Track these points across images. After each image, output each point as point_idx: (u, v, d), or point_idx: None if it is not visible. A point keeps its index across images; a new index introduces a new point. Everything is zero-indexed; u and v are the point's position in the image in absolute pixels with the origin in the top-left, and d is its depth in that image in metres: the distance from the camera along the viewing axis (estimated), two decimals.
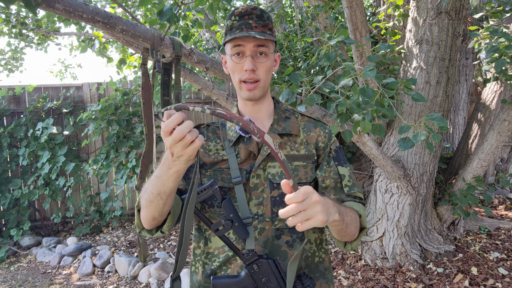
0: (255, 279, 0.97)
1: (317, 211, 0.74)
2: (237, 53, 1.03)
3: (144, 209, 0.95)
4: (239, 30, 1.02)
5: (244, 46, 1.01)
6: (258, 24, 1.02)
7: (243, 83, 1.04)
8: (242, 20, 1.02)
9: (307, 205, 0.72)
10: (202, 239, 1.11)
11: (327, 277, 1.11)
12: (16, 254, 4.42)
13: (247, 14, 1.02)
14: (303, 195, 0.72)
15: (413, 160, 3.01)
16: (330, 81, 2.74)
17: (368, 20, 3.84)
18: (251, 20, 1.02)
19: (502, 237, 3.67)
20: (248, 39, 1.00)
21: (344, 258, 3.37)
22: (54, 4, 1.57)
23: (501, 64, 2.10)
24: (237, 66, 1.03)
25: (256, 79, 1.03)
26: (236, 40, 1.01)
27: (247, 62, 1.01)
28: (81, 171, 4.70)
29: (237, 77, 1.05)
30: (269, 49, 1.04)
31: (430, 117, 1.50)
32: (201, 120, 5.48)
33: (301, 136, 1.12)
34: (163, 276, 3.29)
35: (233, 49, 1.02)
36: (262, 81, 1.04)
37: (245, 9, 1.02)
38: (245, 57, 1.02)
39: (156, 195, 0.89)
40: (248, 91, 1.04)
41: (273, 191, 1.05)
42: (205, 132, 1.14)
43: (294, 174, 1.06)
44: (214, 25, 3.69)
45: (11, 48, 4.67)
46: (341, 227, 0.90)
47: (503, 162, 5.40)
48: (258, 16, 1.03)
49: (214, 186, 0.92)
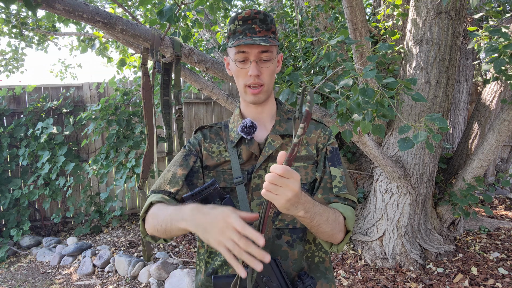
0: (256, 279, 0.98)
1: (284, 194, 0.75)
2: (241, 60, 1.03)
3: (150, 227, 0.97)
4: (242, 35, 1.02)
5: (249, 53, 1.02)
6: (261, 29, 1.02)
7: (248, 87, 1.05)
8: (246, 25, 1.02)
9: (281, 183, 0.74)
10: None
11: (328, 277, 1.11)
12: (16, 254, 4.42)
13: (251, 19, 1.02)
14: (285, 172, 0.74)
15: (413, 160, 3.01)
16: (330, 81, 2.74)
17: (368, 20, 3.84)
18: (254, 25, 1.02)
19: (502, 237, 3.67)
20: (252, 45, 1.01)
21: (344, 258, 3.37)
22: (54, 4, 1.57)
23: (500, 63, 2.10)
24: (241, 71, 1.04)
25: (260, 84, 1.04)
26: (240, 47, 1.01)
27: (251, 68, 1.02)
28: (81, 171, 4.70)
29: (241, 81, 1.06)
30: (272, 54, 1.04)
31: (430, 117, 1.51)
32: (201, 120, 5.49)
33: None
34: (163, 276, 3.29)
35: (237, 55, 1.03)
36: (266, 85, 1.05)
37: (248, 14, 1.02)
38: (250, 62, 1.02)
39: (163, 231, 0.92)
40: (253, 96, 1.06)
41: None
42: (207, 134, 1.15)
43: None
44: (214, 25, 3.69)
45: (12, 48, 4.67)
46: (309, 225, 0.90)
47: (503, 162, 5.40)
48: (262, 20, 1.03)
49: (214, 185, 0.92)
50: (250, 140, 1.08)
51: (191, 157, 1.11)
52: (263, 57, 1.02)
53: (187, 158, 1.11)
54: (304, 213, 0.84)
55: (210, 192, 0.91)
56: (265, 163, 1.07)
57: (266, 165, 1.07)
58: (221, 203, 0.95)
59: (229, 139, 1.12)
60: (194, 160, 1.10)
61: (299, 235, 1.07)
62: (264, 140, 1.10)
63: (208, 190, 0.91)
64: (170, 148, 2.08)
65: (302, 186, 1.07)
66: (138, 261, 3.54)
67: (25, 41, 4.34)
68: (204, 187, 0.92)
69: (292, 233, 1.06)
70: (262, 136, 1.11)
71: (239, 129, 1.08)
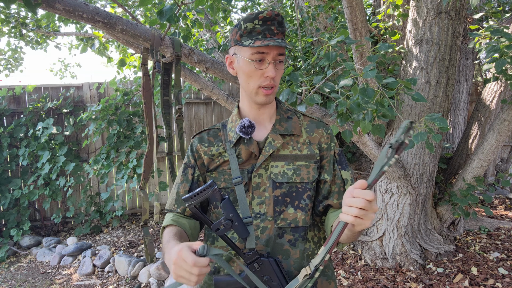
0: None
1: (370, 218, 0.79)
2: (259, 59, 1.03)
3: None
4: (261, 35, 1.01)
5: (268, 54, 1.02)
6: (279, 31, 1.03)
7: (261, 88, 1.05)
8: (266, 26, 1.02)
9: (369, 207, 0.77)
10: (210, 237, 1.14)
11: (327, 274, 1.12)
12: (16, 254, 4.42)
13: (271, 20, 1.02)
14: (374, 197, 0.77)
15: (413, 160, 3.01)
16: (330, 81, 2.74)
17: (368, 20, 3.84)
18: (273, 26, 1.02)
19: (502, 237, 3.67)
20: (272, 47, 1.01)
21: (344, 258, 3.37)
22: (54, 4, 1.57)
23: (501, 64, 2.10)
24: (257, 72, 1.04)
25: (273, 85, 1.05)
26: (260, 48, 1.01)
27: (269, 69, 1.02)
28: (81, 171, 4.70)
29: (255, 82, 1.05)
30: (284, 56, 1.06)
31: (430, 117, 1.51)
32: (201, 120, 5.49)
33: (304, 136, 1.13)
34: (163, 276, 3.29)
35: (256, 55, 1.02)
36: (276, 87, 1.07)
37: (269, 15, 1.01)
38: (267, 63, 1.02)
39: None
40: (265, 97, 1.06)
41: (276, 191, 1.06)
42: (205, 137, 1.16)
43: (296, 174, 1.07)
44: (214, 25, 3.69)
45: (11, 48, 4.67)
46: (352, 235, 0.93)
47: (503, 162, 5.40)
48: (279, 23, 1.03)
49: (213, 186, 0.92)
50: (249, 139, 1.08)
51: (188, 170, 1.14)
52: (279, 59, 1.03)
53: (185, 172, 1.15)
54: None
55: (208, 193, 0.91)
56: (266, 162, 1.08)
57: (266, 164, 1.08)
58: (220, 205, 0.96)
59: (227, 139, 1.12)
60: (192, 172, 1.14)
61: (301, 234, 1.07)
62: (264, 139, 1.10)
63: (207, 192, 0.91)
64: (170, 148, 2.08)
65: (305, 185, 1.08)
66: (138, 261, 3.54)
67: (25, 41, 4.33)
68: (202, 188, 0.92)
69: (294, 232, 1.07)
70: (262, 135, 1.11)
71: (238, 129, 1.08)
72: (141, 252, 3.98)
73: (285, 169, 1.08)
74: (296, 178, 1.07)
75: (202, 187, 0.93)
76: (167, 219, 1.10)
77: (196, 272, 0.79)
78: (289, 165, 1.08)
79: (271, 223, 1.05)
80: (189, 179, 1.13)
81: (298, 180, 1.07)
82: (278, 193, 1.06)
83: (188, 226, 1.10)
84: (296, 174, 1.07)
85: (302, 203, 1.07)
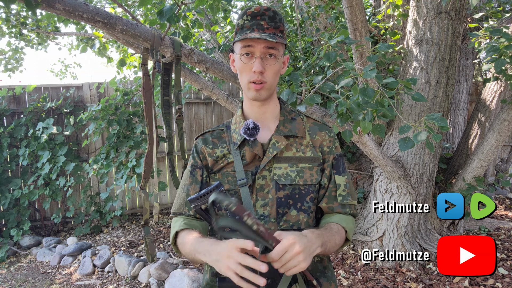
0: None
1: (299, 261, 0.83)
2: (246, 53, 1.02)
3: (183, 254, 1.05)
4: (250, 30, 1.01)
5: (254, 47, 1.01)
6: (269, 26, 1.02)
7: (251, 83, 1.04)
8: (254, 21, 1.01)
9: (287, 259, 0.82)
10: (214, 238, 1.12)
11: (327, 275, 1.11)
12: (16, 254, 4.42)
13: (260, 15, 1.02)
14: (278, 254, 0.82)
15: (413, 160, 3.01)
16: (330, 81, 2.74)
17: (368, 20, 3.84)
18: (263, 21, 1.01)
19: (502, 237, 3.67)
20: (258, 40, 1.00)
21: (344, 258, 3.37)
22: (54, 4, 1.57)
23: (501, 64, 2.10)
24: (246, 66, 1.03)
25: (263, 81, 1.03)
26: (246, 41, 1.01)
27: (256, 63, 1.01)
28: (81, 171, 4.70)
29: (245, 77, 1.04)
30: (278, 52, 1.03)
31: (430, 117, 1.51)
32: (201, 120, 5.49)
33: (307, 138, 1.12)
34: (163, 276, 3.29)
35: (243, 49, 1.02)
36: (268, 83, 1.04)
37: (257, 10, 1.02)
38: (255, 58, 1.02)
39: (191, 260, 1.02)
40: (255, 91, 1.04)
41: (279, 192, 1.06)
42: (209, 139, 1.15)
43: (300, 176, 1.07)
44: (214, 25, 3.69)
45: (11, 48, 4.67)
46: (323, 253, 0.97)
47: (503, 162, 5.40)
48: (271, 18, 1.02)
49: (219, 188, 0.92)
50: (253, 141, 1.07)
51: (197, 171, 1.13)
52: (268, 53, 1.02)
53: (194, 174, 1.13)
54: (321, 248, 0.93)
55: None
56: (269, 163, 1.07)
57: (270, 165, 1.07)
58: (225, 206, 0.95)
59: (231, 141, 1.11)
60: (201, 174, 1.13)
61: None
62: (268, 141, 1.09)
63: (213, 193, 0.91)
64: (170, 148, 2.08)
65: (308, 188, 1.08)
66: (138, 261, 3.54)
67: (25, 41, 4.34)
68: (209, 190, 0.91)
69: None
70: (266, 137, 1.10)
71: (242, 131, 1.07)
72: (141, 252, 3.98)
73: (289, 171, 1.07)
74: (299, 180, 1.07)
75: (207, 189, 0.93)
76: (179, 223, 1.08)
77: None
78: (293, 167, 1.07)
79: (274, 225, 1.05)
80: (198, 180, 1.12)
81: (301, 182, 1.07)
82: (281, 195, 1.06)
83: (201, 228, 1.09)
84: (299, 176, 1.07)
85: (305, 206, 1.07)
